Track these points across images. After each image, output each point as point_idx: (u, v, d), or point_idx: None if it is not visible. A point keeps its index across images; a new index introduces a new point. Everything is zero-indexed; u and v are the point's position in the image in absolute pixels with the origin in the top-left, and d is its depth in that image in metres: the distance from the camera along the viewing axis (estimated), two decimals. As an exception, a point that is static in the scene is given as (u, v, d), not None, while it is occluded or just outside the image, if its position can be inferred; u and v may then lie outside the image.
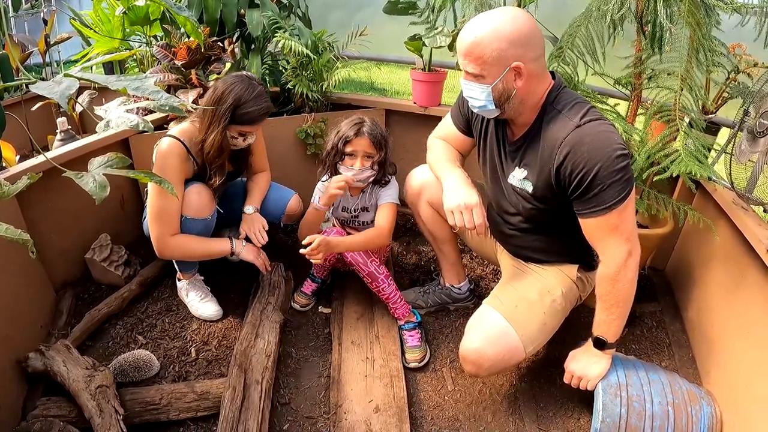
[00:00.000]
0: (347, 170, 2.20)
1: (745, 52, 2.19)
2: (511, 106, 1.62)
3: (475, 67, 1.56)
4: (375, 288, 2.25)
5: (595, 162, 1.49)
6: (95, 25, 3.16)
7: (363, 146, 2.18)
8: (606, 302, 1.67)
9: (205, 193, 2.17)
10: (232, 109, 2.04)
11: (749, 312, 1.85)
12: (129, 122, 1.26)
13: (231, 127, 2.09)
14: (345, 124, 2.23)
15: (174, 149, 2.10)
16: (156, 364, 2.05)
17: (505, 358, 1.72)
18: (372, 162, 2.21)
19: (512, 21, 1.51)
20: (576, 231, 1.67)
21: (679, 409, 1.69)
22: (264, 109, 2.10)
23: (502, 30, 1.50)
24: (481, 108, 1.66)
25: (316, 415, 1.94)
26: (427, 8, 2.62)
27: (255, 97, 2.07)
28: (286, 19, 3.02)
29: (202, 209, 2.16)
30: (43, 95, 1.11)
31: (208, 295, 2.40)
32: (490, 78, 1.56)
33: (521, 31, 1.51)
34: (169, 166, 2.08)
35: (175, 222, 2.12)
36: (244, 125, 2.10)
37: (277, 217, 2.49)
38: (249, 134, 2.17)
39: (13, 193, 1.29)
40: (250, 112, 2.06)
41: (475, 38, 1.52)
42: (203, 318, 2.34)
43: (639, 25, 2.08)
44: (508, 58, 1.52)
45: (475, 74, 1.58)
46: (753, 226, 1.85)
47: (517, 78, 1.56)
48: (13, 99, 3.61)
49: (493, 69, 1.54)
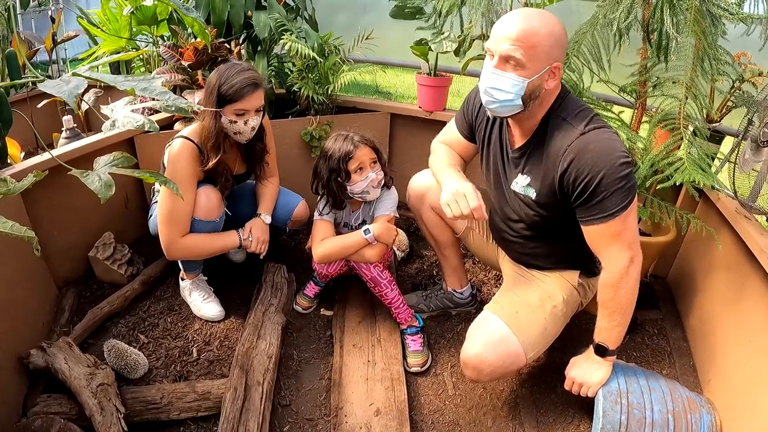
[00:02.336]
0: (360, 184, 2.14)
1: (750, 61, 2.19)
2: (533, 105, 1.60)
3: (524, 54, 1.49)
4: (378, 292, 2.25)
5: (599, 169, 1.50)
6: (102, 23, 3.18)
7: (366, 154, 2.13)
8: (608, 309, 1.67)
9: (214, 196, 2.17)
10: (217, 88, 2.01)
11: (750, 321, 1.85)
12: (135, 122, 1.26)
13: (225, 110, 2.05)
14: (334, 147, 2.15)
15: (185, 150, 2.08)
16: (140, 372, 2.03)
17: (506, 363, 1.71)
18: (379, 165, 2.19)
19: (559, 23, 1.52)
20: (578, 238, 1.67)
21: (679, 417, 1.69)
22: (249, 79, 2.03)
23: (554, 29, 1.50)
24: (504, 102, 1.58)
25: (317, 418, 1.94)
26: (433, 13, 2.63)
27: (237, 71, 2.03)
28: (293, 22, 3.03)
29: (211, 211, 2.16)
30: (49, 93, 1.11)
31: (211, 295, 2.40)
32: (532, 71, 1.52)
33: (564, 33, 1.52)
34: (181, 168, 2.07)
35: (185, 224, 2.12)
36: (234, 103, 2.03)
37: (283, 222, 2.50)
38: (247, 114, 2.08)
39: (19, 190, 1.30)
40: (233, 85, 2.00)
41: (532, 26, 1.48)
42: (206, 318, 2.34)
43: (645, 33, 2.09)
44: (553, 57, 1.52)
45: (518, 61, 1.50)
46: (755, 235, 1.85)
47: (550, 78, 1.55)
48: (19, 96, 3.62)
49: (538, 63, 1.51)
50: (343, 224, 2.37)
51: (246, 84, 2.03)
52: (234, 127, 2.09)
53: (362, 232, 2.15)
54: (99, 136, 2.43)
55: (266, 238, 2.32)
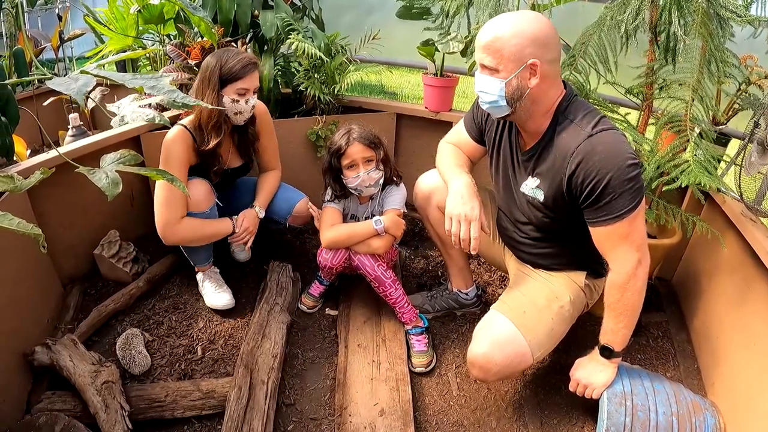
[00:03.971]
0: (352, 180, 2.17)
1: (756, 64, 2.19)
2: (522, 106, 1.62)
3: (492, 60, 1.56)
4: (382, 292, 2.25)
5: (607, 171, 1.50)
6: (109, 22, 3.19)
7: (358, 152, 2.15)
8: (614, 310, 1.67)
9: (202, 188, 2.22)
10: (218, 70, 2.09)
11: (755, 324, 1.85)
12: (145, 116, 1.28)
13: (225, 89, 2.13)
14: (333, 139, 2.22)
15: (179, 137, 2.15)
16: (139, 370, 2.05)
17: (513, 363, 1.71)
18: (375, 162, 2.20)
19: (534, 21, 1.54)
20: (586, 239, 1.67)
21: (683, 419, 1.68)
22: (247, 59, 2.14)
23: (524, 28, 1.52)
24: (491, 104, 1.65)
25: (321, 417, 1.94)
26: (441, 14, 2.63)
27: (233, 54, 2.13)
28: (300, 21, 3.03)
29: (199, 203, 2.22)
30: (56, 90, 1.12)
31: (223, 285, 2.42)
32: (506, 72, 1.56)
33: (541, 31, 1.53)
34: (173, 151, 2.14)
35: (182, 207, 2.17)
36: (236, 82, 2.12)
37: (283, 216, 2.50)
38: (248, 93, 2.17)
39: (25, 187, 1.30)
40: (233, 65, 2.10)
41: (496, 33, 1.54)
42: (215, 307, 2.36)
43: (653, 35, 2.08)
44: (526, 55, 1.52)
45: (491, 67, 1.58)
46: (761, 238, 1.84)
47: (531, 76, 1.56)
48: (25, 93, 3.64)
49: (510, 64, 1.54)
50: (350, 216, 2.38)
51: (246, 63, 2.13)
52: (236, 107, 2.17)
53: (373, 222, 2.18)
54: (105, 134, 2.43)
55: (254, 230, 2.37)
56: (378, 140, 2.21)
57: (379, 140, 2.22)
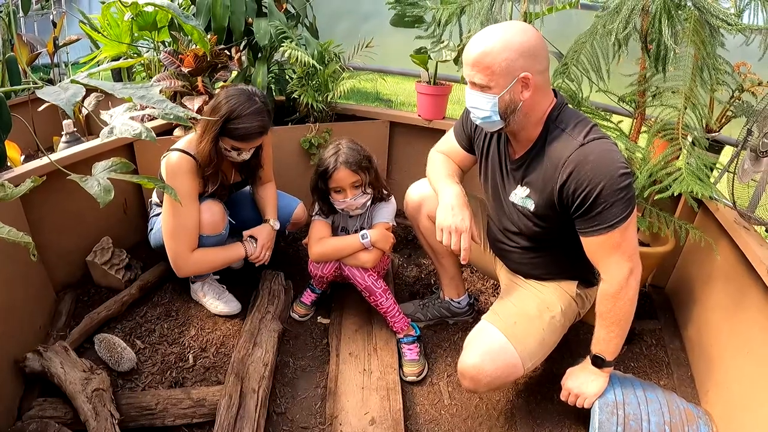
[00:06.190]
0: (340, 203, 2.16)
1: (749, 71, 2.19)
2: (515, 119, 1.61)
3: (483, 77, 1.55)
4: (373, 302, 2.24)
5: (599, 180, 1.50)
6: (104, 29, 3.19)
7: (345, 178, 2.10)
8: (606, 320, 1.67)
9: (217, 209, 2.17)
10: (223, 120, 1.98)
11: (749, 332, 1.85)
12: (132, 130, 1.26)
13: (224, 139, 2.05)
14: (322, 158, 2.16)
15: (184, 165, 2.07)
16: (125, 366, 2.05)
17: (503, 374, 1.71)
18: (363, 187, 2.16)
19: (521, 32, 1.52)
20: (577, 249, 1.67)
21: (676, 428, 1.68)
22: (257, 128, 2.01)
23: (512, 41, 1.50)
24: (484, 119, 1.64)
25: (312, 426, 1.93)
26: (433, 22, 2.63)
27: (250, 113, 1.99)
28: (294, 29, 3.04)
29: (217, 225, 2.17)
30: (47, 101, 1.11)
31: (225, 292, 2.42)
32: (498, 88, 1.55)
33: (530, 42, 1.51)
34: (181, 184, 2.05)
35: (193, 238, 2.12)
36: (235, 140, 2.04)
37: (283, 224, 2.50)
38: (243, 150, 2.10)
39: (16, 195, 1.29)
40: (239, 129, 1.99)
41: (484, 49, 1.52)
42: (224, 314, 2.36)
43: (643, 44, 2.09)
44: (517, 68, 1.51)
45: (482, 85, 1.57)
46: (754, 245, 1.84)
47: (524, 89, 1.55)
48: (20, 99, 3.64)
49: (501, 79, 1.53)
50: (340, 229, 2.37)
51: (254, 131, 2.03)
52: (227, 154, 2.12)
53: (359, 236, 2.16)
54: (98, 141, 2.43)
55: (271, 245, 2.34)
56: (367, 161, 2.15)
57: (369, 161, 2.17)
